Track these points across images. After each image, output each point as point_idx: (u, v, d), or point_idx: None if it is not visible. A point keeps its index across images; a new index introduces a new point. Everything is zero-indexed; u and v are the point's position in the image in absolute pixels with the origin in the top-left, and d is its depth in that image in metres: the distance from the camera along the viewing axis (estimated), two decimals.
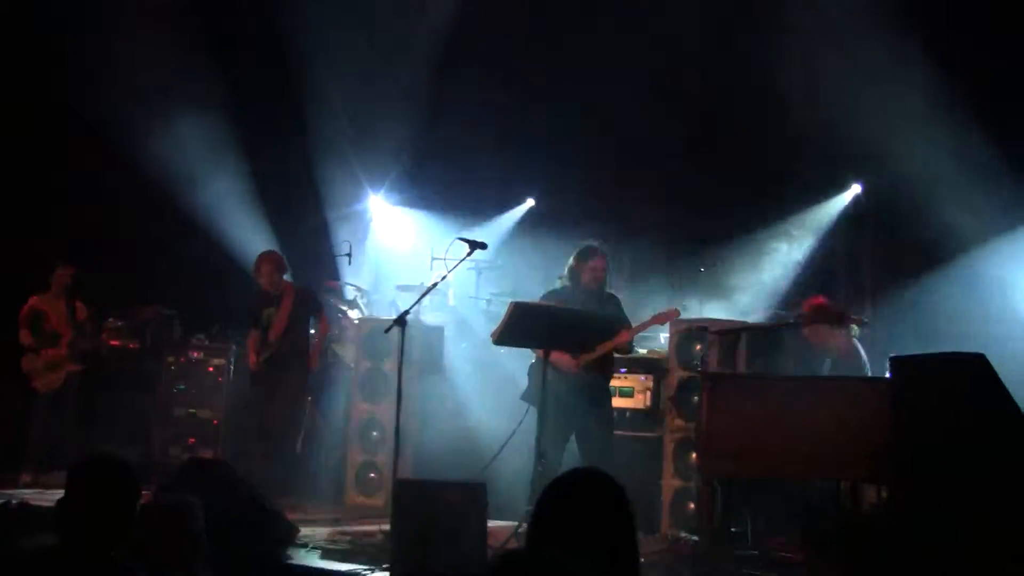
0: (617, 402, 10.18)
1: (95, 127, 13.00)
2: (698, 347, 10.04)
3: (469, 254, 9.15)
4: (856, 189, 13.34)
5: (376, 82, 13.97)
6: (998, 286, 11.84)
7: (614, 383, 10.01)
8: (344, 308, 12.54)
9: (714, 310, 11.71)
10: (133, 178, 13.25)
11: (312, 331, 11.46)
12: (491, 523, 7.80)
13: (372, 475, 11.22)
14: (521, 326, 8.67)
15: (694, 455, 9.77)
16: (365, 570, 7.94)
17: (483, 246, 9.09)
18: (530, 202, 14.63)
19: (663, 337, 10.96)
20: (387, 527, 8.14)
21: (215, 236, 13.76)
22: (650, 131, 13.21)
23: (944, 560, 6.90)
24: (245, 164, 13.98)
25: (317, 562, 8.23)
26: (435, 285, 9.44)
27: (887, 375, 8.09)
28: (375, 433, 11.29)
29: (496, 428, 10.90)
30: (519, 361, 11.34)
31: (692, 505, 9.79)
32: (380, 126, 13.99)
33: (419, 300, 9.46)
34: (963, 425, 7.41)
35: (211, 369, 12.42)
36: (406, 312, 8.77)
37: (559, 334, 8.81)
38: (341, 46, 13.63)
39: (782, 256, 13.29)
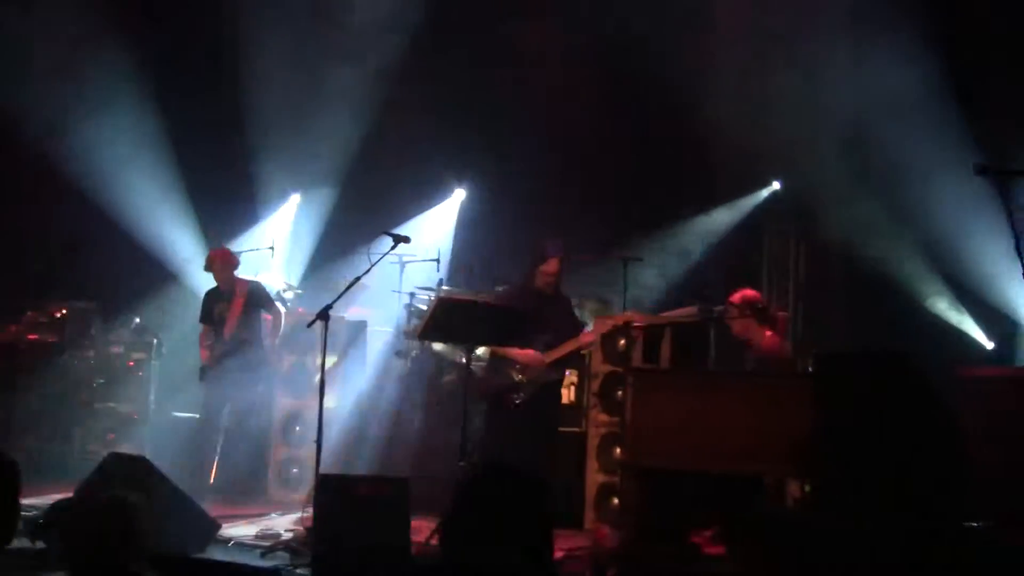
0: None
1: (11, 119, 12.79)
2: (622, 342, 10.00)
3: (392, 248, 9.09)
4: (775, 186, 13.41)
5: (303, 80, 13.87)
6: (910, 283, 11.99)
7: None
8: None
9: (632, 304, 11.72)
10: (51, 169, 13.04)
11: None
12: (414, 519, 7.75)
13: (295, 470, 11.15)
14: (446, 322, 8.59)
15: (618, 450, 9.77)
16: (287, 566, 7.85)
17: (406, 240, 9.03)
18: (460, 192, 14.48)
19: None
20: (309, 522, 8.06)
21: (137, 229, 13.58)
22: (576, 130, 13.22)
23: (866, 555, 6.92)
24: (170, 157, 13.80)
25: (239, 558, 8.12)
26: (358, 279, 9.35)
27: (811, 370, 8.12)
28: (298, 428, 11.23)
29: (423, 423, 10.85)
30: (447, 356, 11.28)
31: (616, 500, 9.78)
32: (306, 124, 13.88)
33: (342, 294, 9.35)
34: (886, 421, 7.44)
35: (131, 363, 12.27)
36: (328, 306, 8.68)
37: (484, 330, 8.74)
38: (268, 42, 13.53)
39: (697, 252, 13.36)
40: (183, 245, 13.84)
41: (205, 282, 11.78)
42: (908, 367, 7.56)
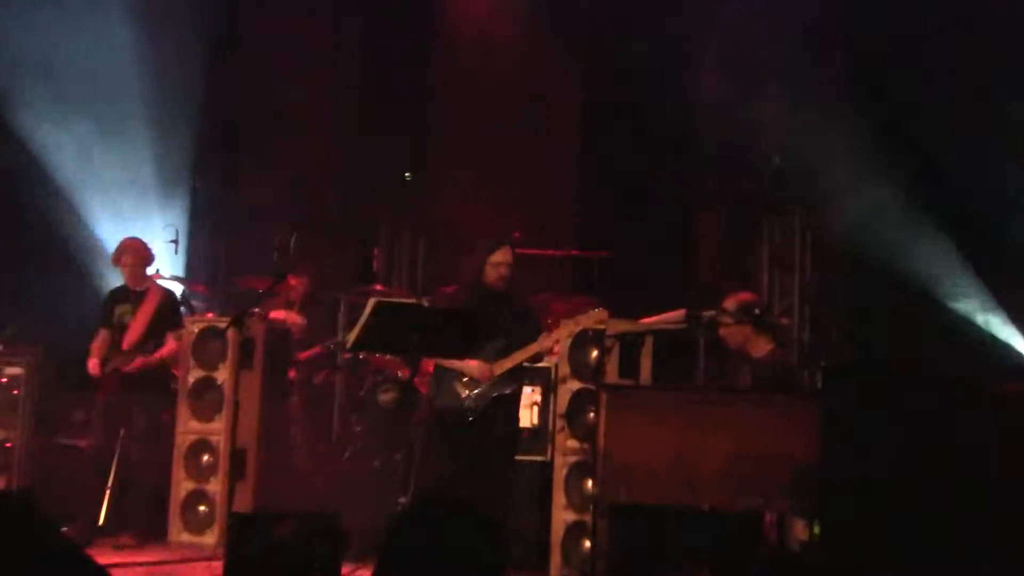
0: None
1: None
2: (594, 353, 9.92)
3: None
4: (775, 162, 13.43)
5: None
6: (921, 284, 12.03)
7: None
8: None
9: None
10: None
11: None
12: (346, 565, 7.67)
13: (202, 508, 10.98)
14: (383, 328, 8.46)
15: (590, 482, 9.69)
16: None
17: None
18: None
19: None
20: (220, 571, 7.93)
21: (17, 222, 13.55)
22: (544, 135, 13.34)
23: None
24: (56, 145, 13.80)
25: None
26: (281, 278, 9.27)
27: (818, 387, 8.10)
28: (206, 457, 11.03)
29: (357, 450, 10.76)
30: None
31: (587, 542, 9.71)
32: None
33: (262, 295, 9.28)
34: (906, 447, 7.40)
35: (4, 380, 12.07)
36: (244, 311, 8.58)
37: (429, 338, 8.63)
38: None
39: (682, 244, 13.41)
40: (74, 238, 13.74)
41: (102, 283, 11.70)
42: (932, 384, 7.53)
